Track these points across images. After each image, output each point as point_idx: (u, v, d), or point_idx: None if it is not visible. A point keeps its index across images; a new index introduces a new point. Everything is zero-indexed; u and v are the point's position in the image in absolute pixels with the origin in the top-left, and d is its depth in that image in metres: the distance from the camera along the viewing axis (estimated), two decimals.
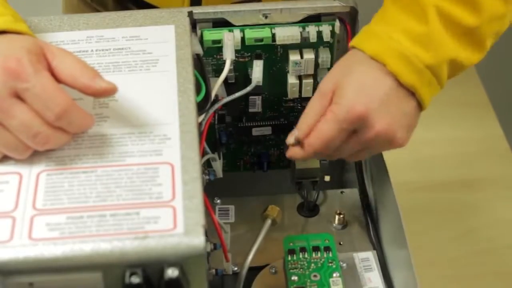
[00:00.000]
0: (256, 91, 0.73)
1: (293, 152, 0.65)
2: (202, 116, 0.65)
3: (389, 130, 0.62)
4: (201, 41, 0.71)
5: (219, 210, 0.78)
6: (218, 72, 0.71)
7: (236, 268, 0.70)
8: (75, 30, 0.68)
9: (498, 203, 0.90)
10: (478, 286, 0.81)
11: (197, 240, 0.51)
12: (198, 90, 0.64)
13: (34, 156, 0.56)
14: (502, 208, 0.90)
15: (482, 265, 0.82)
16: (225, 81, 0.71)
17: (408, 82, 0.61)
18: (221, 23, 0.71)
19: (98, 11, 0.94)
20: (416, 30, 0.62)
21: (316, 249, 0.70)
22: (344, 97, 0.61)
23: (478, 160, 0.97)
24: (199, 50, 0.70)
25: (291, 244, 0.71)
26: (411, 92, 0.62)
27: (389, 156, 0.71)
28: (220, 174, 0.70)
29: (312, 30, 0.72)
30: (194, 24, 0.71)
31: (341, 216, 0.76)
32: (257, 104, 0.76)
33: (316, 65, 0.74)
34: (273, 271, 0.71)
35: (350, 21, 0.73)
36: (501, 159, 0.97)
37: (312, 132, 0.63)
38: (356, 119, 0.61)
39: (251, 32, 0.71)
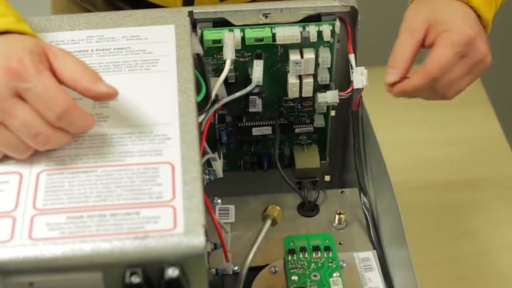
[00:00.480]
0: (256, 91, 0.73)
1: (404, 86, 0.71)
2: (202, 116, 0.65)
3: (489, 52, 0.71)
4: (201, 40, 0.71)
5: (219, 210, 0.78)
6: (218, 72, 0.71)
7: (236, 268, 0.70)
8: (75, 30, 0.68)
9: (498, 203, 0.90)
10: (478, 286, 0.81)
11: (197, 240, 0.51)
12: (198, 90, 0.64)
13: (34, 156, 0.56)
14: (502, 208, 0.90)
15: (482, 265, 0.83)
16: (225, 81, 0.71)
17: (486, 17, 0.71)
18: (221, 22, 0.71)
19: (87, 10, 0.93)
20: None
21: (316, 249, 0.70)
22: (454, 24, 0.69)
23: (478, 160, 0.97)
24: (199, 49, 0.70)
25: (291, 244, 0.71)
26: (484, 24, 0.72)
27: (389, 156, 0.71)
28: (220, 174, 0.70)
29: (312, 30, 0.72)
30: (194, 23, 0.71)
31: (341, 216, 0.76)
32: (257, 104, 0.76)
33: (316, 64, 0.73)
34: (273, 271, 0.71)
35: (351, 21, 0.73)
36: (501, 159, 0.97)
37: (428, 60, 0.69)
38: (468, 42, 0.69)
39: (251, 31, 0.71)
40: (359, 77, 0.73)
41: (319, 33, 0.72)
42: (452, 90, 0.72)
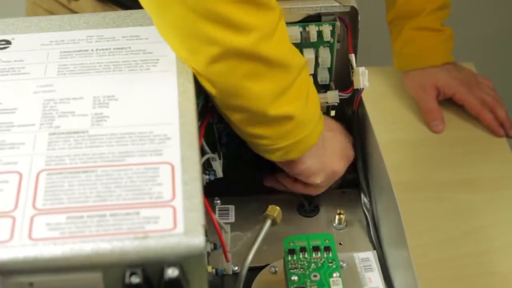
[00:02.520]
0: None
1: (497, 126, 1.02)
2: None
3: (472, 72, 1.09)
4: None
5: (219, 210, 0.78)
6: None
7: (236, 268, 0.70)
8: (75, 30, 0.68)
9: (498, 203, 0.90)
10: (478, 286, 0.80)
11: (197, 240, 0.51)
12: (198, 90, 0.64)
13: (34, 155, 0.56)
14: (502, 208, 0.90)
15: (482, 265, 0.82)
16: None
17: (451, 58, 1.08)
18: None
19: (63, 5, 0.93)
20: None
21: (316, 249, 0.70)
22: (452, 84, 1.04)
23: (478, 160, 0.97)
24: None
25: (291, 244, 0.71)
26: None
27: (389, 156, 0.71)
28: (220, 174, 0.70)
29: (312, 30, 0.72)
30: None
31: (341, 216, 0.76)
32: None
33: (316, 64, 0.74)
34: (273, 271, 0.71)
35: (351, 21, 0.73)
36: (501, 159, 0.97)
37: (487, 105, 1.03)
38: (466, 84, 1.05)
39: None
40: (360, 77, 0.73)
41: (319, 33, 0.72)
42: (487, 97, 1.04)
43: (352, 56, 0.74)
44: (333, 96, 0.75)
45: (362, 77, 0.73)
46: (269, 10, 0.61)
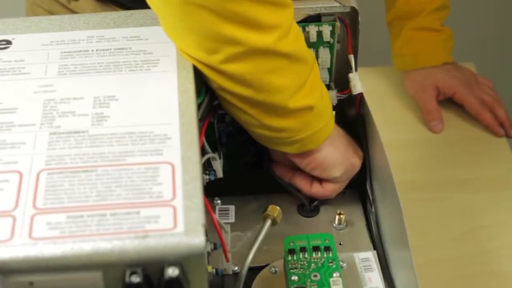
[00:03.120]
0: None
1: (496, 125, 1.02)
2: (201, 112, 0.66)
3: (471, 72, 1.10)
4: None
5: (219, 210, 0.78)
6: None
7: (236, 268, 0.70)
8: (76, 30, 0.68)
9: (499, 203, 0.90)
10: (478, 286, 0.80)
11: (197, 240, 0.51)
12: (198, 90, 0.64)
13: (35, 155, 0.56)
14: (502, 208, 0.90)
15: (483, 265, 0.82)
16: None
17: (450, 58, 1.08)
18: None
19: (62, 5, 0.94)
20: None
21: (316, 249, 0.70)
22: (452, 83, 1.04)
23: (478, 160, 0.97)
24: None
25: (291, 244, 0.71)
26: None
27: (389, 156, 0.71)
28: (220, 173, 0.70)
29: (312, 30, 0.72)
30: None
31: (341, 216, 0.76)
32: None
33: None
34: (273, 271, 0.71)
35: (350, 21, 0.73)
36: (501, 159, 0.97)
37: (487, 105, 1.03)
38: (465, 84, 1.05)
39: None
40: (353, 83, 0.73)
41: (319, 33, 0.72)
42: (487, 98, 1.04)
43: (352, 57, 0.74)
44: (333, 97, 0.75)
45: (358, 82, 0.73)
46: (286, 7, 0.62)
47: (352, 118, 0.78)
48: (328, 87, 0.76)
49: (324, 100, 0.69)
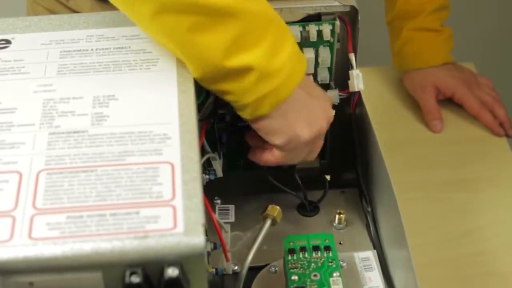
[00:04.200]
0: None
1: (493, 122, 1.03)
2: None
3: (472, 72, 1.10)
4: None
5: (219, 210, 0.78)
6: None
7: (236, 268, 0.70)
8: (75, 29, 0.68)
9: (498, 203, 0.90)
10: (478, 286, 0.80)
11: (197, 240, 0.50)
12: (198, 90, 0.64)
13: (34, 155, 0.56)
14: (502, 208, 0.90)
15: (482, 265, 0.82)
16: None
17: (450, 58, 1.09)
18: None
19: (62, 3, 0.93)
20: None
21: (316, 248, 0.70)
22: (451, 83, 1.05)
23: (478, 160, 0.97)
24: None
25: (291, 243, 0.71)
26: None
27: (389, 156, 0.71)
28: (220, 173, 0.70)
29: (312, 29, 0.72)
30: None
31: (341, 216, 0.76)
32: None
33: (316, 64, 0.73)
34: (273, 270, 0.71)
35: (351, 21, 0.73)
36: (501, 159, 0.97)
37: (487, 105, 1.03)
38: (466, 84, 1.06)
39: None
40: (354, 80, 0.73)
41: (319, 33, 0.72)
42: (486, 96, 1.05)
43: (352, 56, 0.74)
44: (333, 96, 0.75)
45: (357, 80, 0.73)
46: None
47: (347, 117, 0.78)
48: (329, 86, 0.76)
49: (277, 59, 0.62)
